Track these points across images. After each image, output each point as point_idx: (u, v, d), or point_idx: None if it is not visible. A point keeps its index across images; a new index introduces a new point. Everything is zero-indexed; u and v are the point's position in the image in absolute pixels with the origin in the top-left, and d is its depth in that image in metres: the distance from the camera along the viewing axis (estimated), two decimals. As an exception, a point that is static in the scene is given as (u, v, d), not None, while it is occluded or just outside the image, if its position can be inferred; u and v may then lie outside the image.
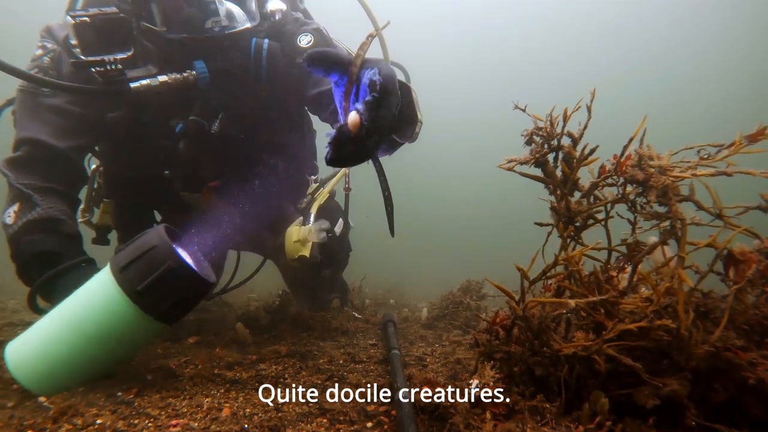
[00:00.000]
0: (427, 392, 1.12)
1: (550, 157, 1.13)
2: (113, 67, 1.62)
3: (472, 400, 1.06)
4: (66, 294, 1.36)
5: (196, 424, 1.06)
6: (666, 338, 1.01)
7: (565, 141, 1.14)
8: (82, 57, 1.61)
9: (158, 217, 2.35)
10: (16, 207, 1.60)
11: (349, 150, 0.87)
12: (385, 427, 1.10)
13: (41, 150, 1.71)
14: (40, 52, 1.78)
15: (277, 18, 1.96)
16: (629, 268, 1.10)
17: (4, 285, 3.89)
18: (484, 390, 1.05)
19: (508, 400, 1.05)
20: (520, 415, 1.00)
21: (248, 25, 1.79)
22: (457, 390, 1.10)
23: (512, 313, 1.17)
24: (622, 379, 1.01)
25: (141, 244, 1.27)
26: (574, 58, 21.88)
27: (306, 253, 2.02)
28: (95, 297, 1.25)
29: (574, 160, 1.10)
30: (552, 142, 1.09)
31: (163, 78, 1.68)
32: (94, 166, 2.15)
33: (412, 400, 1.09)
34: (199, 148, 1.92)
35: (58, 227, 1.61)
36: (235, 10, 1.76)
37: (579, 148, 1.11)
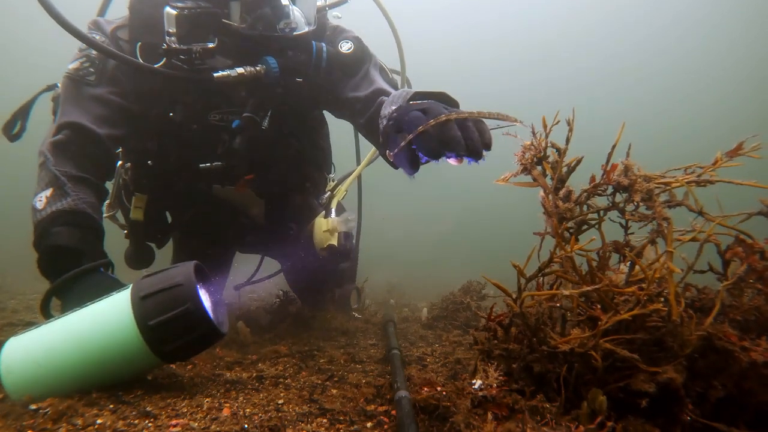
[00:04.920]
0: (427, 392, 1.12)
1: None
2: (197, 56, 1.78)
3: (474, 400, 1.06)
4: (79, 297, 1.36)
5: (196, 424, 1.06)
6: (660, 324, 1.03)
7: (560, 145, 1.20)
8: (175, 44, 1.75)
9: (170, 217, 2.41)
10: (48, 192, 1.63)
11: None
12: (385, 427, 1.10)
13: (81, 134, 1.78)
14: None
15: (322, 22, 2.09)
16: (625, 267, 1.12)
17: (4, 285, 3.90)
18: (487, 390, 1.05)
19: (508, 400, 1.05)
20: (520, 415, 1.01)
21: (307, 29, 1.92)
22: (458, 390, 1.11)
23: (510, 311, 1.18)
24: (619, 373, 1.02)
25: (167, 277, 1.26)
26: (573, 56, 21.90)
27: (334, 242, 2.10)
28: (108, 316, 1.23)
29: (558, 162, 1.18)
30: (540, 155, 1.17)
31: (240, 70, 1.81)
32: (120, 162, 2.20)
33: (412, 400, 1.09)
34: (251, 144, 2.03)
35: (83, 222, 1.64)
36: (299, 13, 1.90)
37: (570, 152, 1.18)
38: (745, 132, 1.09)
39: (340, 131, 2.56)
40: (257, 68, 1.83)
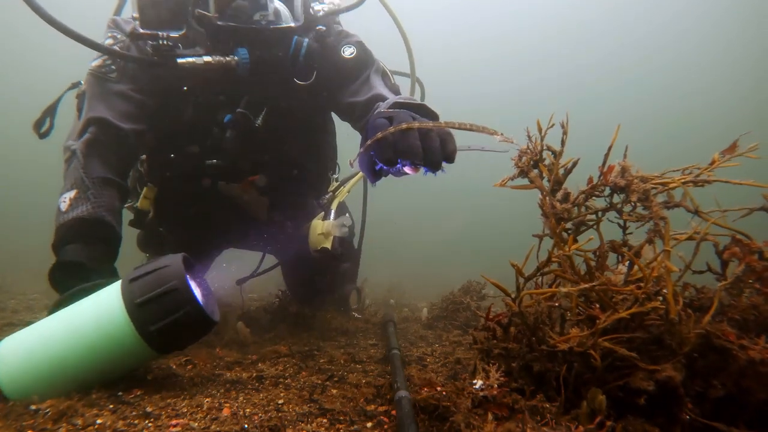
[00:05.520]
0: (427, 392, 1.12)
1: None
2: (165, 42, 1.81)
3: (475, 399, 1.06)
4: None
5: (196, 424, 1.07)
6: (659, 323, 1.03)
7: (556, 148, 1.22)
8: (139, 29, 1.79)
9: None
10: (72, 194, 1.69)
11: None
12: (385, 427, 1.10)
13: (107, 130, 1.84)
14: (110, 41, 1.93)
15: (320, 15, 2.10)
16: (623, 267, 1.13)
17: (4, 285, 3.89)
18: (488, 390, 1.05)
19: (508, 399, 1.05)
20: (520, 415, 1.01)
21: (292, 24, 1.94)
22: (458, 390, 1.11)
23: (509, 310, 1.18)
24: (618, 372, 1.03)
25: (156, 263, 1.29)
26: (571, 54, 21.90)
27: (328, 245, 2.12)
28: (99, 304, 1.25)
29: (554, 165, 1.20)
30: (536, 158, 1.19)
31: (207, 58, 1.84)
32: None
33: (412, 400, 1.10)
34: (244, 140, 2.07)
35: (99, 232, 1.68)
36: (282, 9, 1.92)
37: (572, 151, 1.20)
38: (743, 130, 1.10)
39: (348, 131, 2.57)
40: (227, 59, 1.85)
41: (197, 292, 1.30)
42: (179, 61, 1.81)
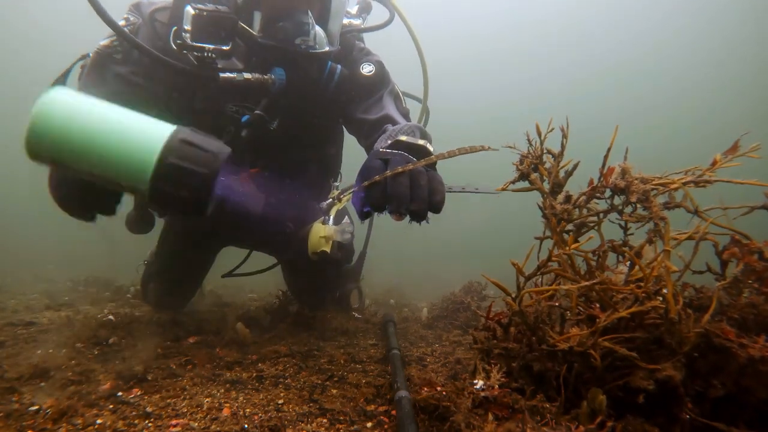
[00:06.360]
0: (427, 392, 1.12)
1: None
2: (210, 55, 1.85)
3: (475, 399, 1.06)
4: None
5: (196, 424, 1.07)
6: (659, 322, 1.03)
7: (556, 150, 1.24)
8: (189, 41, 1.83)
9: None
10: None
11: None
12: (385, 427, 1.10)
13: None
14: (122, 23, 1.95)
15: (345, 32, 2.16)
16: (624, 267, 1.14)
17: (4, 285, 3.89)
18: (489, 391, 1.05)
19: (508, 399, 1.05)
20: (521, 415, 1.01)
21: (327, 48, 1.99)
22: (458, 390, 1.11)
23: (509, 309, 1.18)
24: (618, 371, 1.03)
25: (209, 140, 1.32)
26: (570, 51, 21.91)
27: (327, 249, 2.15)
28: (147, 129, 1.28)
29: (554, 167, 1.22)
30: (536, 161, 1.21)
31: (247, 75, 1.90)
32: None
33: (412, 400, 1.10)
34: (256, 140, 2.10)
35: None
36: (321, 33, 1.96)
37: (575, 149, 1.20)
38: (744, 127, 1.10)
39: (354, 140, 2.59)
40: (265, 77, 1.91)
41: (218, 187, 1.32)
42: (222, 75, 1.86)
